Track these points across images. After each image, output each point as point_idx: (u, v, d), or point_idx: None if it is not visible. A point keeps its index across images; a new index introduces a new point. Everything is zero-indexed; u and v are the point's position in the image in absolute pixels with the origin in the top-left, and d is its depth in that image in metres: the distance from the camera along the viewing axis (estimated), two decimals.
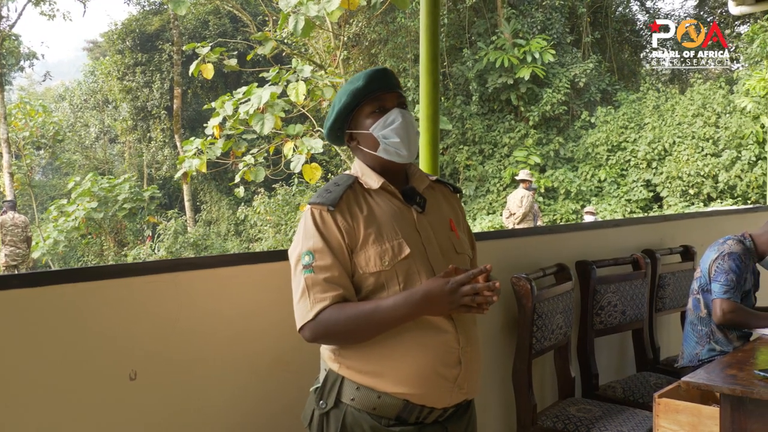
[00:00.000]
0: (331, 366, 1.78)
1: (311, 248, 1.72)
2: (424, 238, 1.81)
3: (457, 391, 1.78)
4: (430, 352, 1.73)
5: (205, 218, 22.69)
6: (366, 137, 1.84)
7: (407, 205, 1.84)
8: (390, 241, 1.74)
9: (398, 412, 1.73)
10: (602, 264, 3.36)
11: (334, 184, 1.81)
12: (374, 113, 1.82)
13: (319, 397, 1.78)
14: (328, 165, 20.95)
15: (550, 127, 18.97)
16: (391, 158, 1.82)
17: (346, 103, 1.83)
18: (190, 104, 24.14)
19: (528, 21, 19.23)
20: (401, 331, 1.71)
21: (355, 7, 10.11)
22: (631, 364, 3.68)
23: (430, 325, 1.73)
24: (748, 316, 2.95)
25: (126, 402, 1.75)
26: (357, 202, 1.79)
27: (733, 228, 4.55)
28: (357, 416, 1.73)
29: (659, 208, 16.89)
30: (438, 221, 1.88)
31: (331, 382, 1.77)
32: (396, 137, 1.80)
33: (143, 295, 1.79)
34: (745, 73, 16.96)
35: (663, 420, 2.47)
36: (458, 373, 1.76)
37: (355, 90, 1.81)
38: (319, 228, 1.73)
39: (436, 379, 1.74)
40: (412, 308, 1.66)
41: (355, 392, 1.74)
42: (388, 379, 1.72)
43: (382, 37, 18.92)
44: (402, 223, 1.80)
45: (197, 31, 23.25)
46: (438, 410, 1.77)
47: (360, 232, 1.74)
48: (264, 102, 9.74)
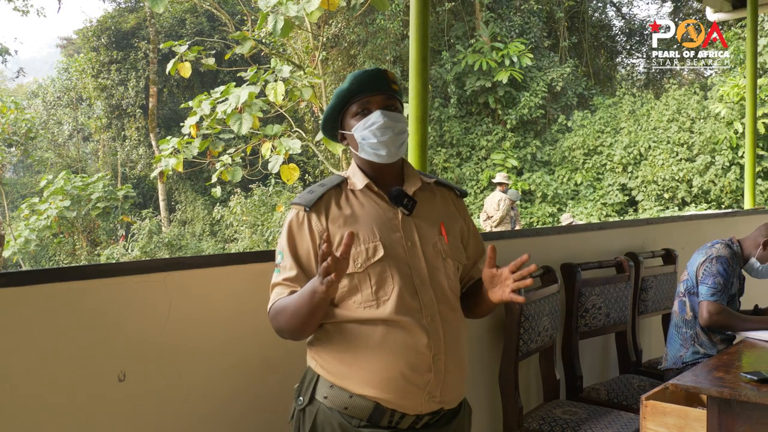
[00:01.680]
0: (310, 363, 1.82)
1: (281, 248, 1.78)
2: (406, 240, 1.80)
3: (429, 399, 1.75)
4: (400, 357, 1.71)
5: (180, 218, 22.50)
6: (351, 138, 1.86)
7: (393, 207, 1.83)
8: (366, 243, 1.75)
9: (369, 414, 1.73)
10: (587, 267, 3.37)
11: (320, 185, 1.84)
12: (358, 114, 1.83)
13: (297, 393, 1.81)
14: (306, 165, 20.89)
15: (527, 131, 19.10)
16: (370, 158, 1.83)
17: (333, 105, 1.86)
18: (166, 103, 23.92)
19: (506, 24, 19.34)
20: (371, 335, 1.72)
21: (335, 7, 10.08)
22: (614, 367, 3.70)
23: (402, 329, 1.72)
24: (733, 319, 2.97)
25: (114, 403, 1.71)
26: (338, 203, 1.80)
27: (712, 231, 4.61)
28: (328, 414, 1.74)
29: (634, 212, 17.07)
30: (426, 224, 1.86)
31: (309, 380, 1.80)
32: (373, 138, 1.79)
33: (133, 295, 1.76)
34: (719, 80, 17.21)
35: (650, 422, 2.48)
36: (429, 380, 1.74)
37: (340, 92, 1.85)
38: (291, 229, 1.78)
39: (404, 384, 1.72)
40: (308, 287, 1.66)
41: (329, 390, 1.75)
42: (356, 381, 1.72)
43: (362, 38, 18.90)
44: (384, 224, 1.79)
45: (174, 30, 23.05)
46: (411, 417, 1.75)
47: (335, 234, 1.75)
48: (242, 102, 9.68)
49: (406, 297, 1.73)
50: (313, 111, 18.31)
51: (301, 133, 11.87)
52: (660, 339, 3.95)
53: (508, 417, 2.79)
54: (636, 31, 23.83)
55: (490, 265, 1.78)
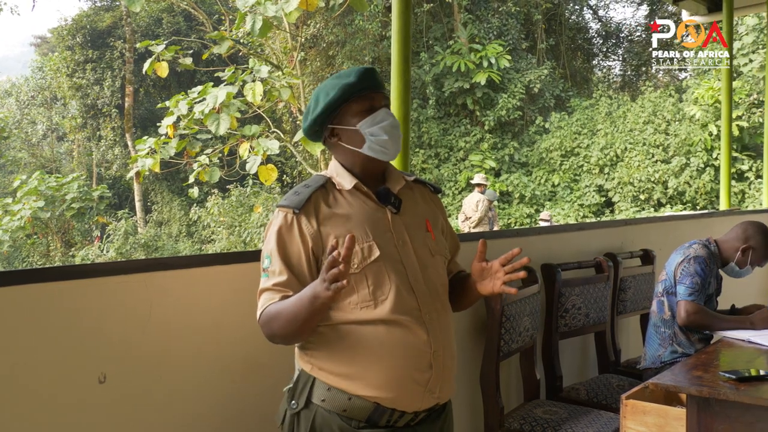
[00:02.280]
0: (303, 366, 1.77)
1: (270, 252, 1.74)
2: (397, 239, 1.79)
3: (428, 395, 1.76)
4: (401, 356, 1.71)
5: (156, 219, 22.32)
6: (352, 134, 1.81)
7: (381, 206, 1.82)
8: (360, 244, 1.73)
9: (369, 414, 1.72)
10: (567, 267, 3.38)
11: (304, 186, 1.80)
12: (363, 111, 1.80)
13: (290, 396, 1.77)
14: (284, 166, 20.82)
15: (505, 132, 19.20)
16: (376, 156, 1.80)
17: (335, 97, 1.79)
18: (142, 103, 23.72)
19: (484, 26, 19.44)
20: (371, 334, 1.70)
21: (314, 8, 10.04)
22: (593, 366, 3.72)
23: (402, 328, 1.72)
24: (711, 319, 3.00)
25: (95, 405, 1.69)
26: (327, 204, 1.77)
27: (689, 232, 4.66)
28: (326, 417, 1.72)
29: (611, 213, 17.23)
30: (413, 222, 1.86)
31: (303, 383, 1.76)
32: (384, 135, 1.79)
33: (113, 296, 1.73)
34: (694, 82, 17.43)
35: (630, 421, 2.49)
36: (430, 377, 1.75)
37: (347, 85, 1.78)
38: (280, 232, 1.73)
39: (408, 383, 1.72)
40: (308, 293, 1.61)
41: (326, 393, 1.72)
42: (359, 383, 1.70)
43: (340, 39, 18.89)
44: (375, 224, 1.78)
45: (150, 29, 22.88)
46: (409, 414, 1.76)
47: (328, 235, 1.72)
48: (220, 102, 9.60)
49: (403, 296, 1.73)
50: (291, 111, 18.26)
51: (279, 133, 11.82)
52: (638, 339, 3.98)
53: (489, 417, 2.80)
54: (612, 33, 24.07)
55: (480, 258, 1.83)
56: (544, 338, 3.30)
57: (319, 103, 1.82)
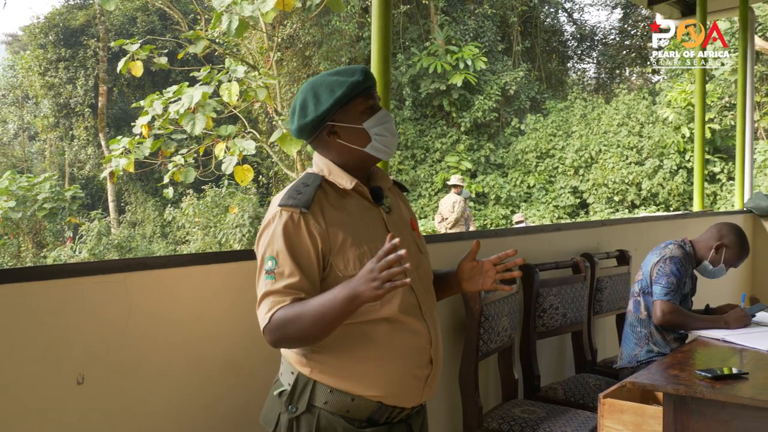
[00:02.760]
0: (302, 370, 1.73)
1: (275, 253, 1.66)
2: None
3: (427, 390, 1.80)
4: (406, 354, 1.73)
5: (129, 219, 22.09)
6: (357, 132, 1.78)
7: (375, 206, 1.82)
8: (367, 244, 1.72)
9: (370, 413, 1.73)
10: (544, 267, 3.41)
11: (303, 184, 1.75)
12: (367, 110, 1.78)
13: (288, 401, 1.73)
14: (260, 167, 20.73)
15: (481, 133, 19.30)
16: (377, 155, 1.80)
17: (344, 94, 1.75)
18: (116, 102, 23.46)
19: (461, 28, 19.51)
20: (375, 334, 1.70)
21: (290, 8, 10.02)
22: (570, 366, 3.75)
23: (403, 327, 1.73)
24: (686, 318, 3.04)
25: (73, 407, 1.66)
26: (330, 203, 1.74)
27: (663, 233, 4.71)
28: (331, 419, 1.71)
29: (585, 215, 17.39)
30: (401, 221, 1.88)
31: (302, 386, 1.73)
32: (388, 134, 1.79)
33: (92, 296, 1.70)
34: (667, 85, 17.65)
35: (608, 420, 2.52)
36: (430, 372, 1.78)
37: (356, 83, 1.76)
38: (287, 232, 1.66)
39: (410, 380, 1.75)
40: (343, 289, 1.59)
41: (329, 396, 1.71)
42: (363, 383, 1.70)
43: (317, 39, 18.85)
44: (373, 224, 1.78)
45: (124, 28, 22.64)
46: (407, 409, 1.79)
47: (336, 235, 1.69)
48: (195, 102, 9.54)
49: (406, 295, 1.74)
50: (267, 112, 18.19)
51: (255, 134, 11.77)
52: (614, 339, 4.01)
53: (468, 416, 2.81)
54: (586, 36, 24.30)
55: (471, 258, 1.88)
56: (522, 338, 3.31)
57: (322, 100, 1.76)
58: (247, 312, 1.99)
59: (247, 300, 1.99)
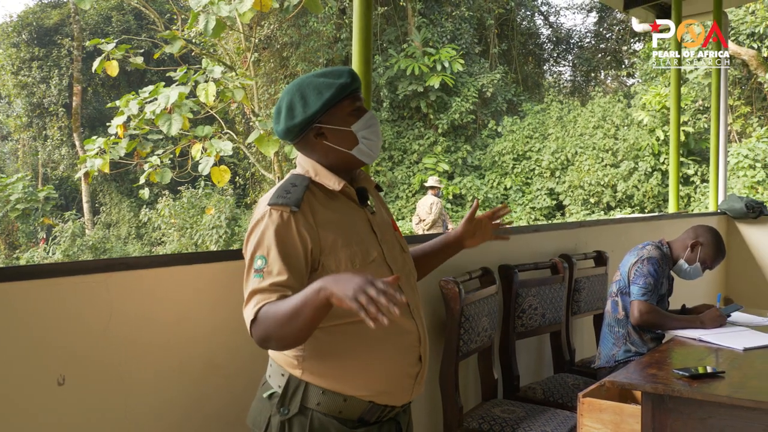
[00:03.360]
0: (293, 372, 1.72)
1: (265, 252, 1.65)
2: (380, 239, 1.81)
3: (417, 387, 1.81)
4: (396, 353, 1.74)
5: (104, 221, 21.87)
6: (344, 134, 1.78)
7: (361, 207, 1.83)
8: (357, 244, 1.73)
9: (362, 413, 1.73)
10: (524, 268, 3.43)
11: (291, 184, 1.74)
12: (354, 112, 1.79)
13: (279, 403, 1.72)
14: (237, 168, 20.63)
15: (458, 135, 19.37)
16: (363, 158, 1.80)
17: (332, 96, 1.75)
18: (90, 102, 23.21)
19: (438, 30, 19.58)
20: (366, 334, 1.68)
21: (268, 9, 10.00)
22: (548, 366, 3.78)
23: (395, 325, 1.72)
24: (663, 318, 3.08)
25: (53, 408, 1.64)
26: (319, 203, 1.74)
27: (639, 234, 4.76)
28: (324, 421, 1.71)
29: (562, 216, 17.53)
30: (383, 221, 1.89)
31: (293, 388, 1.72)
32: (375, 138, 1.80)
33: (72, 297, 1.68)
34: (641, 88, 17.85)
35: (587, 419, 2.54)
36: (419, 369, 1.80)
37: (343, 85, 1.75)
38: (276, 231, 1.65)
39: (402, 378, 1.76)
40: (318, 283, 1.52)
41: (321, 397, 1.70)
42: (356, 383, 1.71)
43: (294, 40, 18.80)
44: (360, 224, 1.79)
45: (99, 27, 22.40)
46: (397, 408, 1.80)
47: (326, 235, 1.69)
48: (171, 102, 9.48)
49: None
50: (245, 113, 18.11)
51: (232, 134, 11.73)
52: (592, 339, 4.05)
53: (448, 416, 2.81)
54: (562, 39, 24.50)
55: (472, 216, 2.11)
56: (502, 338, 3.33)
57: (309, 102, 1.75)
58: (230, 312, 1.98)
59: (230, 300, 1.99)
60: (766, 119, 16.72)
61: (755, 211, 6.04)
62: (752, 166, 14.96)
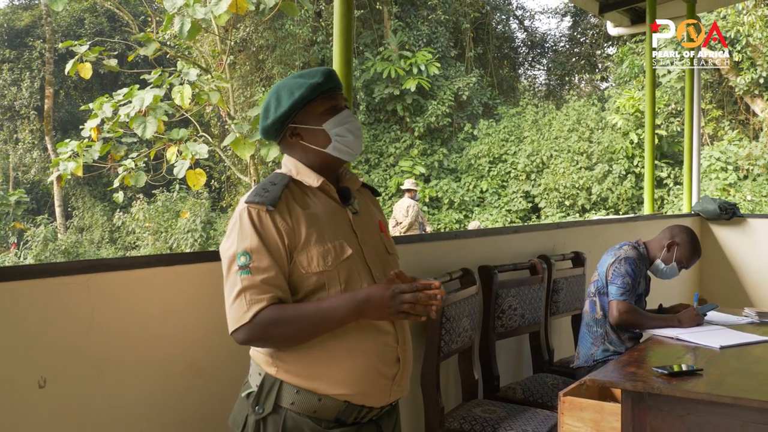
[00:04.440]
0: (268, 370, 1.72)
1: (248, 248, 1.66)
2: (360, 239, 1.81)
3: (395, 389, 1.80)
4: (371, 353, 1.73)
5: (77, 225, 21.60)
6: (316, 133, 1.80)
7: (342, 206, 1.83)
8: (332, 241, 1.73)
9: (338, 413, 1.72)
10: (503, 269, 3.45)
11: (270, 183, 1.76)
12: (328, 111, 1.80)
13: (255, 402, 1.72)
14: (212, 171, 20.50)
15: (434, 138, 19.42)
16: (341, 156, 1.81)
17: (302, 96, 1.77)
18: (63, 105, 22.94)
19: (414, 34, 19.62)
20: (341, 333, 1.69)
21: (244, 11, 9.96)
22: (527, 366, 3.80)
23: (370, 325, 1.73)
24: (641, 317, 3.12)
25: (34, 411, 1.62)
26: (297, 201, 1.75)
27: (616, 235, 4.81)
28: (297, 420, 1.70)
29: (537, 219, 17.64)
30: (369, 222, 1.89)
31: (269, 387, 1.72)
32: (350, 135, 1.81)
33: (54, 298, 1.66)
34: (615, 92, 18.04)
35: (568, 417, 2.56)
36: (397, 371, 1.78)
37: (315, 84, 1.78)
38: (256, 228, 1.67)
39: (378, 379, 1.74)
40: (351, 311, 1.65)
41: (295, 396, 1.70)
42: (330, 382, 1.70)
43: (270, 43, 18.74)
44: (339, 223, 1.79)
45: (71, 29, 22.16)
46: (376, 409, 1.78)
47: (301, 232, 1.70)
48: (146, 105, 9.41)
49: None
50: (220, 115, 18.00)
51: (207, 137, 11.65)
52: (570, 339, 4.08)
53: (430, 417, 2.82)
54: (537, 43, 24.70)
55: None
56: (482, 339, 3.35)
57: (282, 102, 1.79)
58: (211, 313, 1.97)
59: (211, 301, 1.98)
60: (737, 123, 16.99)
61: (728, 212, 6.13)
62: (724, 169, 15.19)
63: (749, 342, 2.86)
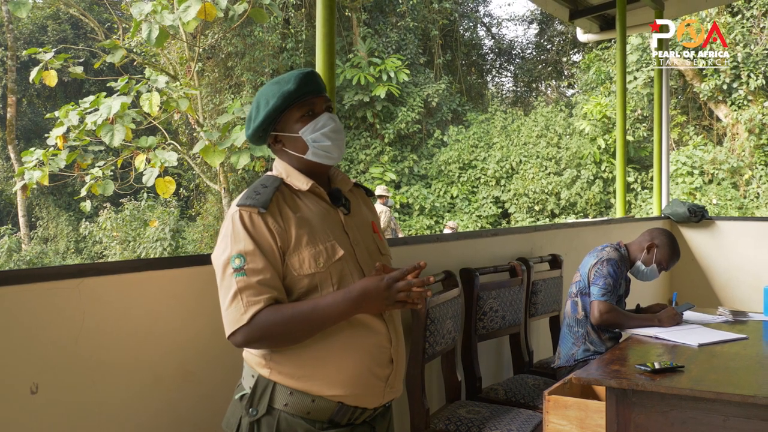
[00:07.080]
0: (261, 372, 1.72)
1: (242, 251, 1.65)
2: (352, 239, 1.81)
3: (388, 390, 1.80)
4: (364, 353, 1.73)
5: (41, 235, 21.25)
6: (294, 140, 1.81)
7: (334, 207, 1.83)
8: (323, 243, 1.73)
9: (332, 415, 1.72)
10: (484, 271, 3.47)
11: (261, 185, 1.76)
12: (304, 117, 1.80)
13: (248, 404, 1.71)
14: (181, 179, 20.31)
15: (404, 145, 19.49)
16: (321, 161, 1.81)
17: (275, 105, 1.78)
18: (26, 113, 22.56)
19: (383, 41, 19.70)
20: (334, 333, 1.70)
21: (212, 18, 9.91)
22: (508, 367, 3.83)
23: (363, 326, 1.73)
24: (622, 317, 3.17)
25: (27, 417, 1.59)
26: (287, 204, 1.75)
27: (591, 238, 4.88)
28: (291, 421, 1.70)
29: (507, 224, 17.78)
30: (362, 223, 1.89)
31: (262, 389, 1.71)
32: (327, 140, 1.80)
33: (44, 303, 1.64)
34: (582, 98, 18.30)
35: (553, 416, 2.58)
36: (390, 372, 1.78)
37: (287, 93, 1.77)
38: (248, 230, 1.67)
39: (371, 380, 1.74)
40: (349, 305, 1.65)
41: (288, 397, 1.69)
42: (323, 382, 1.69)
43: (239, 50, 18.65)
44: (331, 224, 1.79)
45: (34, 37, 21.84)
46: (369, 410, 1.78)
47: (292, 234, 1.70)
48: (114, 112, 9.29)
49: None
50: (189, 123, 17.84)
51: (176, 145, 11.54)
52: (548, 340, 4.13)
53: (415, 418, 2.83)
54: (504, 50, 24.94)
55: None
56: (464, 340, 3.37)
57: (260, 111, 1.80)
58: (202, 317, 1.96)
59: (202, 305, 1.97)
60: (701, 128, 17.32)
61: (697, 215, 6.25)
62: (690, 173, 15.48)
63: (726, 339, 2.92)
